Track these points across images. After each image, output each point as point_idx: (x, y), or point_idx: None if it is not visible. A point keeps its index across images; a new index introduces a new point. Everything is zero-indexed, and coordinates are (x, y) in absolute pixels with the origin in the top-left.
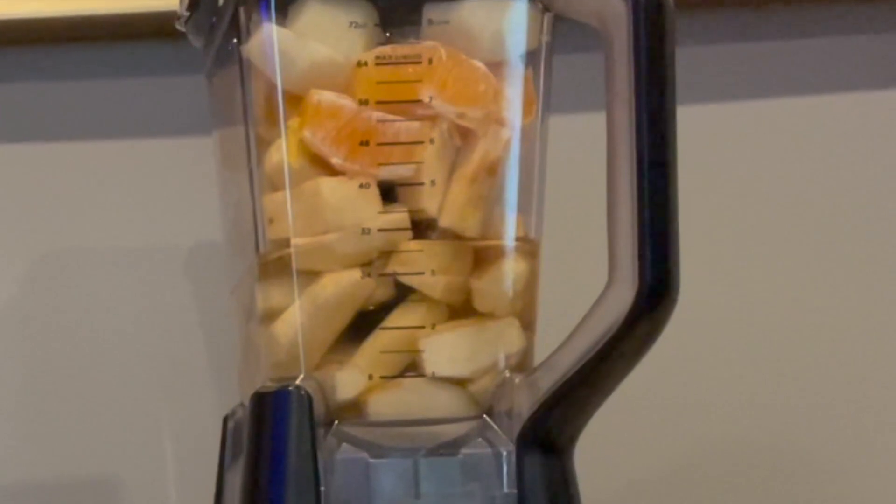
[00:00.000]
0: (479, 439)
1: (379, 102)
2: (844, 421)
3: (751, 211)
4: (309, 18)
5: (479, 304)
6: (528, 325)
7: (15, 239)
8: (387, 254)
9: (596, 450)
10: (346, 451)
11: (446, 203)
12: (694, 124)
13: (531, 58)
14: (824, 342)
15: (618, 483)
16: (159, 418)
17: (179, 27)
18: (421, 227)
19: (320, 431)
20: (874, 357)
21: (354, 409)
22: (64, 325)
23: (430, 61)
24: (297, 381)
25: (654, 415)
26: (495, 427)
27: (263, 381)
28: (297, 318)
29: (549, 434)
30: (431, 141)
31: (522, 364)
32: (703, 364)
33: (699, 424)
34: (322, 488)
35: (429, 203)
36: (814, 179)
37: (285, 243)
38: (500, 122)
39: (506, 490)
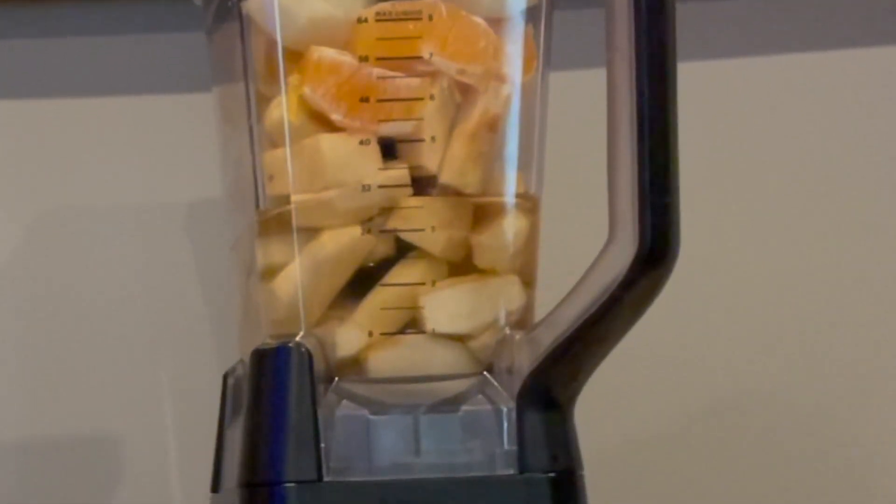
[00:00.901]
0: (480, 396)
1: (379, 59)
2: (845, 379)
3: (752, 167)
4: None
5: (480, 260)
6: (528, 281)
7: (14, 196)
8: (387, 210)
9: (596, 407)
10: (346, 407)
11: (446, 159)
12: (695, 80)
13: (531, 14)
14: (826, 300)
15: (618, 440)
16: (159, 376)
17: None
18: (421, 184)
19: (320, 388)
20: (875, 316)
21: (354, 365)
22: (63, 283)
23: (431, 17)
24: (297, 338)
25: (654, 372)
26: (495, 384)
27: (263, 338)
28: (297, 274)
29: (549, 391)
30: (432, 97)
31: (523, 321)
32: (704, 322)
33: (699, 382)
34: (322, 445)
35: (429, 159)
36: (817, 137)
37: (285, 200)
38: (501, 79)
39: (506, 447)
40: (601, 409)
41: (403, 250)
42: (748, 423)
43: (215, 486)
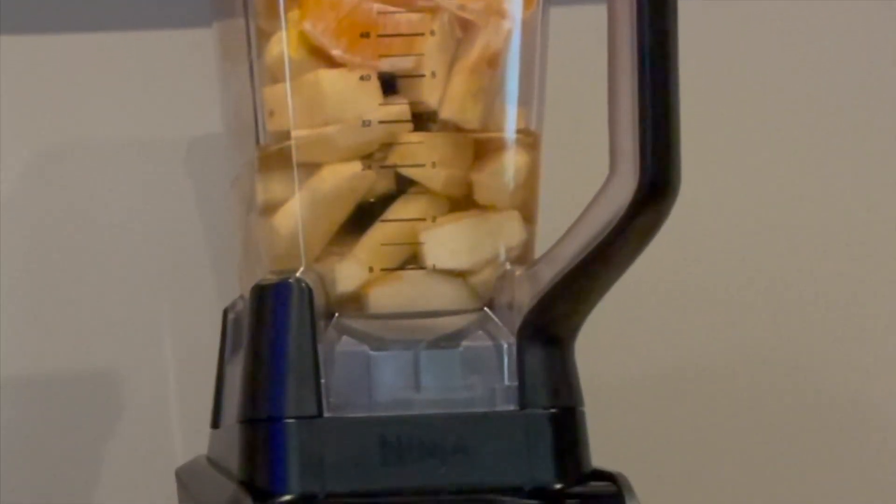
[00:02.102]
0: (480, 332)
1: None
2: (848, 315)
3: (754, 101)
4: None
5: (480, 196)
6: (528, 217)
7: (15, 132)
8: (387, 146)
9: (596, 345)
10: (346, 343)
11: (447, 95)
12: (696, 14)
13: None
14: (828, 235)
15: (618, 377)
16: (159, 311)
17: None
18: (422, 120)
19: (320, 324)
20: (873, 264)
21: (355, 301)
22: (63, 218)
23: None
24: (298, 274)
25: (654, 310)
26: (496, 319)
27: (263, 273)
28: (298, 210)
29: (550, 326)
30: (432, 32)
31: (523, 256)
32: (704, 258)
33: (700, 319)
34: (322, 380)
35: (429, 95)
36: (818, 71)
37: (285, 135)
38: (501, 14)
39: (507, 382)
40: (601, 347)
41: (404, 186)
42: (747, 362)
43: (215, 422)
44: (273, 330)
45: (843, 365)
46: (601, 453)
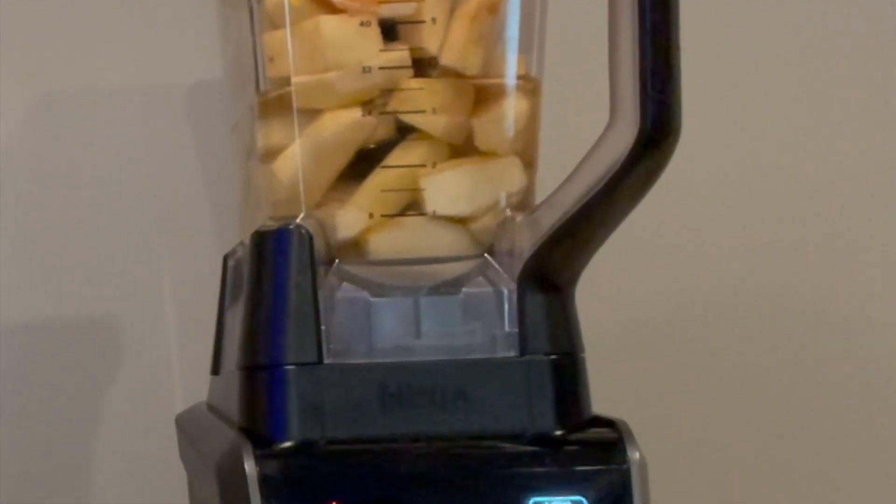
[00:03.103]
0: (480, 278)
1: None
2: (847, 265)
3: (755, 49)
4: None
5: (480, 142)
6: (529, 163)
7: (14, 78)
8: (387, 92)
9: (597, 291)
10: (346, 289)
11: (447, 41)
12: None
13: None
14: (826, 177)
15: (618, 324)
16: (159, 258)
17: None
18: (422, 66)
19: (321, 270)
20: (876, 201)
21: (355, 247)
22: (63, 165)
23: None
24: (298, 220)
25: (655, 256)
26: (496, 266)
27: (264, 219)
28: (298, 156)
29: (550, 273)
30: None
31: (524, 203)
32: (705, 205)
33: (699, 266)
34: (322, 327)
35: (430, 41)
36: (819, 20)
37: (286, 82)
38: None
39: (507, 329)
40: (601, 293)
41: (404, 132)
42: (747, 306)
43: (215, 369)
44: (273, 276)
45: (842, 306)
46: (601, 400)
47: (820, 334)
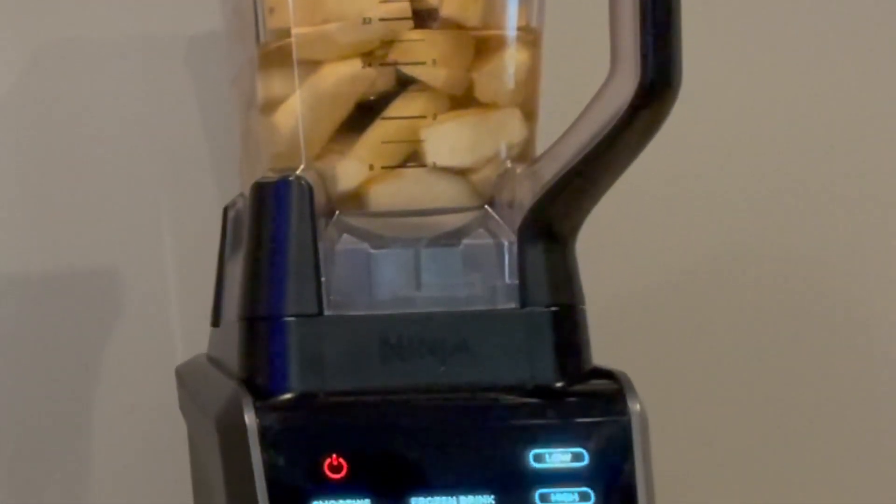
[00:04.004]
0: (481, 230)
1: None
2: (846, 230)
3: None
4: None
5: (481, 93)
6: (529, 115)
7: (14, 28)
8: (388, 43)
9: (600, 247)
10: (346, 241)
11: None
12: None
13: None
14: (832, 135)
15: (618, 278)
16: (159, 209)
17: None
18: (422, 17)
19: (321, 222)
20: (880, 154)
21: (355, 199)
22: (63, 117)
23: None
24: (298, 172)
25: (654, 212)
26: (497, 217)
27: (264, 171)
28: (298, 108)
29: (550, 224)
30: None
31: (524, 154)
32: (705, 158)
33: (701, 219)
34: (322, 279)
35: None
36: None
37: (286, 33)
38: None
39: (507, 280)
40: (605, 250)
41: (404, 84)
42: (748, 262)
43: (215, 321)
44: (273, 228)
45: (845, 268)
46: (602, 354)
47: (822, 294)
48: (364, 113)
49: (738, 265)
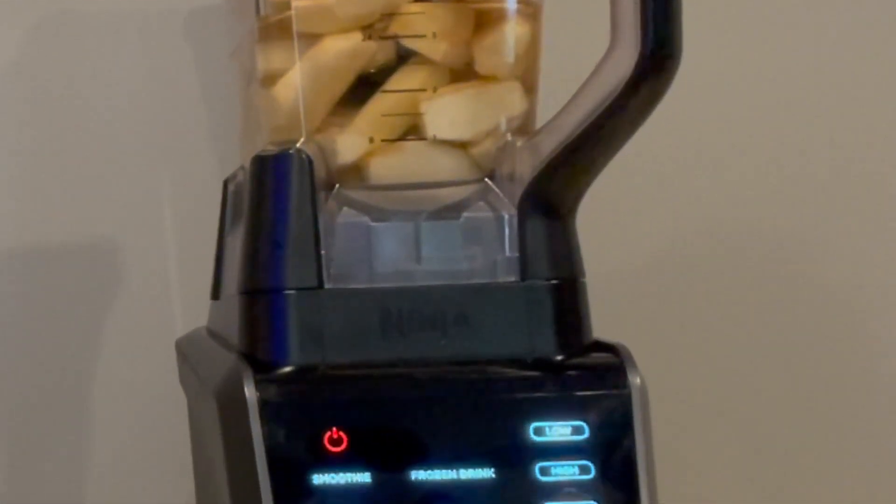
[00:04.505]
0: (481, 203)
1: None
2: (849, 197)
3: None
4: None
5: (481, 66)
6: (529, 88)
7: (12, 3)
8: (388, 16)
9: (601, 221)
10: (346, 214)
11: None
12: None
13: None
14: (833, 107)
15: (619, 252)
16: (159, 182)
17: None
18: None
19: (321, 195)
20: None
21: (355, 172)
22: (63, 88)
23: None
24: (298, 145)
25: (658, 185)
26: (497, 190)
27: (264, 144)
28: (298, 81)
29: (550, 197)
30: None
31: (524, 127)
32: (706, 132)
33: (700, 192)
34: (323, 252)
35: None
36: None
37: (286, 5)
38: None
39: (507, 253)
40: (606, 223)
41: (404, 56)
42: (750, 235)
43: (215, 293)
44: (273, 201)
45: (844, 241)
46: (603, 328)
47: (822, 266)
48: (364, 86)
49: (739, 239)
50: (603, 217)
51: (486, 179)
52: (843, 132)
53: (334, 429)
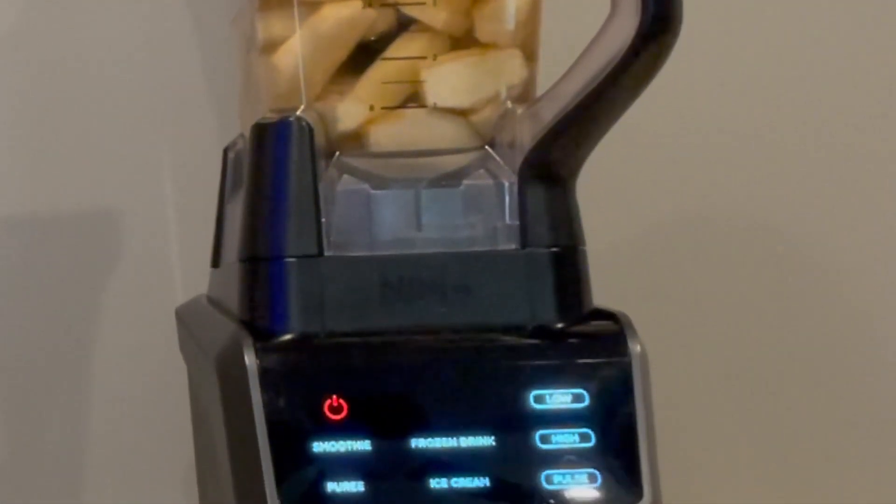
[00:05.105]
0: (481, 170)
1: None
2: (851, 166)
3: None
4: None
5: (481, 34)
6: (530, 55)
7: None
8: None
9: (598, 188)
10: (347, 182)
11: None
12: None
13: None
14: (831, 84)
15: (620, 221)
16: (159, 150)
17: None
18: None
19: (321, 163)
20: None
21: (355, 140)
22: (63, 55)
23: None
24: (298, 112)
25: (659, 156)
26: (497, 158)
27: (264, 112)
28: (298, 48)
29: (551, 165)
30: None
31: (525, 95)
32: (707, 101)
33: (700, 160)
34: (322, 219)
35: None
36: None
37: None
38: None
39: (508, 221)
40: (608, 193)
41: (404, 24)
42: (753, 206)
43: (215, 261)
44: (273, 169)
45: (842, 213)
46: (603, 296)
47: (821, 235)
48: (364, 53)
49: (739, 206)
50: (604, 187)
51: (487, 147)
52: (850, 103)
53: (334, 396)
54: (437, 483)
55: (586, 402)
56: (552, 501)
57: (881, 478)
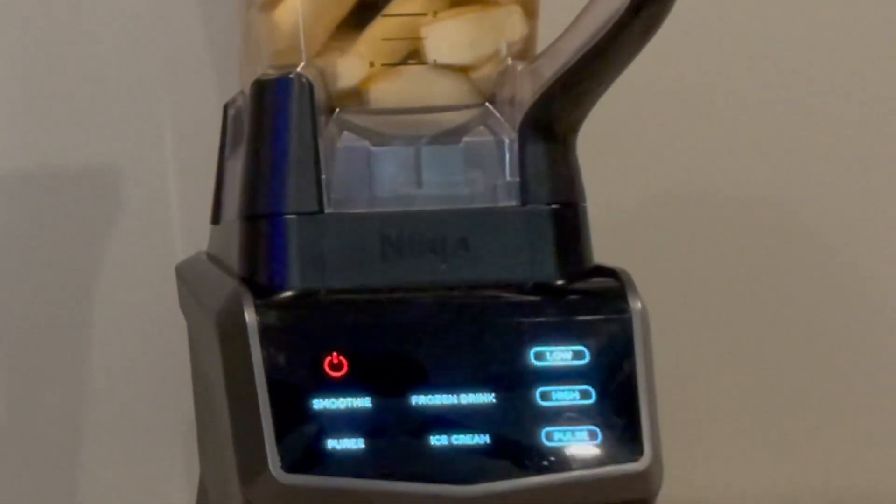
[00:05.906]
0: (482, 127)
1: None
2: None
3: None
4: None
5: None
6: (530, 11)
7: None
8: None
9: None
10: (347, 138)
11: None
12: None
13: None
14: (838, 56)
15: (621, 180)
16: (159, 107)
17: None
18: None
19: (321, 119)
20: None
21: (356, 97)
22: (63, 14)
23: None
24: (298, 69)
25: (659, 113)
26: (497, 115)
27: (264, 68)
28: (298, 4)
29: (551, 122)
30: None
31: (525, 51)
32: (710, 62)
33: (703, 122)
34: (323, 176)
35: None
36: None
37: None
38: None
39: (508, 178)
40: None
41: None
42: (754, 171)
43: (215, 218)
44: (273, 125)
45: (846, 181)
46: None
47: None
48: (364, 10)
49: (743, 171)
50: (606, 146)
51: (487, 104)
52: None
53: (334, 353)
54: (437, 440)
55: (587, 359)
56: (552, 458)
57: (883, 437)
